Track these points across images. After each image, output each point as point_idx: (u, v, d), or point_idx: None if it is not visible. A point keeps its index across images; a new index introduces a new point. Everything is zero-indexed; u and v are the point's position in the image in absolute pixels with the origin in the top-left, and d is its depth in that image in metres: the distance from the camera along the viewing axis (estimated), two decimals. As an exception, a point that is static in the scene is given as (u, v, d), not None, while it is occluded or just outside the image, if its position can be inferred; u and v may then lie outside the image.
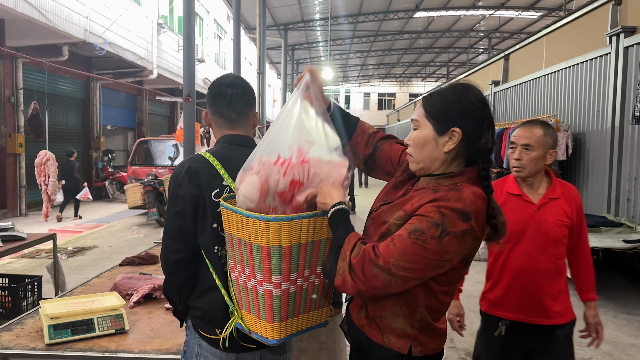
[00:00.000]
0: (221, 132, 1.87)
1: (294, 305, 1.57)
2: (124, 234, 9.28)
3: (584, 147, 7.97)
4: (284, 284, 1.51)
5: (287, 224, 1.44)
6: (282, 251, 1.46)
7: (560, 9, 20.29)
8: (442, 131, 1.46)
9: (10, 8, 9.06)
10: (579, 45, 8.46)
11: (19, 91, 11.09)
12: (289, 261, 1.49)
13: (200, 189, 1.69)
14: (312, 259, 1.57)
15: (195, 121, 9.40)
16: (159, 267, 3.45)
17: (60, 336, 2.19)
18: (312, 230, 1.52)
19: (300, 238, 1.50)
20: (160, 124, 20.49)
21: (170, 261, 1.73)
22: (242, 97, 1.86)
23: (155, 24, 15.37)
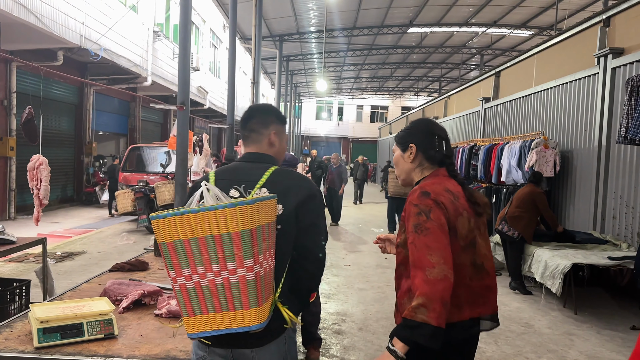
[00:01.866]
0: (245, 151, 2.09)
1: (264, 290, 1.65)
2: (114, 240, 9.25)
3: (572, 165, 8.09)
4: (256, 267, 1.61)
5: (252, 207, 1.58)
6: (250, 233, 1.58)
7: (551, 28, 20.62)
8: (404, 149, 2.13)
9: (6, 12, 9.08)
10: (568, 64, 8.62)
11: (12, 95, 11.08)
12: (255, 243, 1.60)
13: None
14: (265, 243, 1.65)
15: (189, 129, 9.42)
16: (148, 274, 3.47)
17: (49, 340, 2.20)
18: (267, 214, 1.66)
19: (261, 220, 1.62)
20: (153, 131, 20.48)
21: None
22: (254, 117, 2.08)
23: (151, 31, 15.43)
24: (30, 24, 9.74)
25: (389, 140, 28.57)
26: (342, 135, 47.20)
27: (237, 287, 1.60)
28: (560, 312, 5.81)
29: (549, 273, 5.79)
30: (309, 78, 36.26)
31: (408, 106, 42.53)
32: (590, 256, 5.93)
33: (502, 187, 9.34)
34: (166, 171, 12.49)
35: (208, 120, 25.88)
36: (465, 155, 11.29)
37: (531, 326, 5.28)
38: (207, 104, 20.76)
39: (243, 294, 1.60)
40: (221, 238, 1.58)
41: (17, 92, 11.21)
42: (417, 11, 21.06)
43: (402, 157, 2.13)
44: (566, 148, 8.29)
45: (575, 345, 4.77)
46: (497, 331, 5.06)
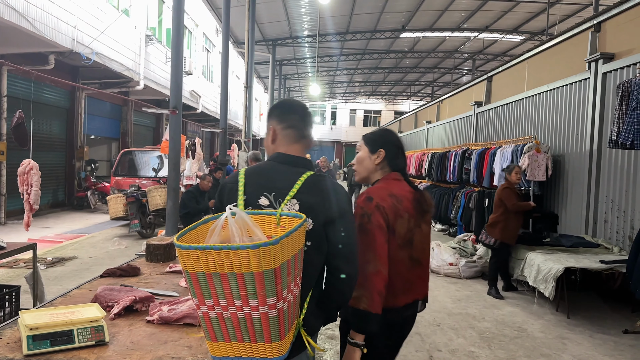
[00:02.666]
0: (281, 148, 1.99)
1: (286, 322, 1.61)
2: (105, 245, 9.18)
3: (564, 169, 8.14)
4: (279, 303, 1.56)
5: (277, 248, 1.50)
6: (273, 273, 1.51)
7: (542, 33, 20.80)
8: (373, 151, 2.43)
9: (-3, 15, 9.02)
10: (559, 69, 8.69)
11: (3, 99, 11.00)
12: (278, 281, 1.53)
13: (222, 203, 1.87)
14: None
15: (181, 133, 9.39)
16: (140, 280, 3.44)
17: (39, 347, 2.16)
18: (289, 247, 1.57)
19: (284, 257, 1.55)
20: (145, 135, 20.39)
21: None
22: (296, 113, 2.04)
23: (144, 35, 15.38)
24: (22, 27, 9.68)
25: (381, 144, 28.70)
26: (335, 139, 47.27)
27: (259, 322, 1.56)
28: (553, 316, 5.83)
29: (541, 277, 5.80)
30: (302, 82, 36.32)
31: (401, 110, 42.68)
32: (583, 260, 5.95)
33: (494, 191, 9.35)
34: (158, 175, 12.43)
35: (201, 124, 25.82)
36: (457, 159, 11.33)
37: (524, 330, 5.28)
38: (200, 108, 20.71)
39: (265, 329, 1.57)
40: (243, 277, 1.52)
41: (7, 96, 11.13)
42: (409, 16, 21.17)
43: (369, 158, 2.44)
44: (558, 152, 8.34)
45: (568, 349, 4.78)
46: (490, 335, 5.07)
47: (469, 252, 8.04)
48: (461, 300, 6.39)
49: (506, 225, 6.44)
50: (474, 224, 9.98)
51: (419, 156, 15.37)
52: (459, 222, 10.91)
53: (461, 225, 10.83)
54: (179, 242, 1.59)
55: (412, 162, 16.14)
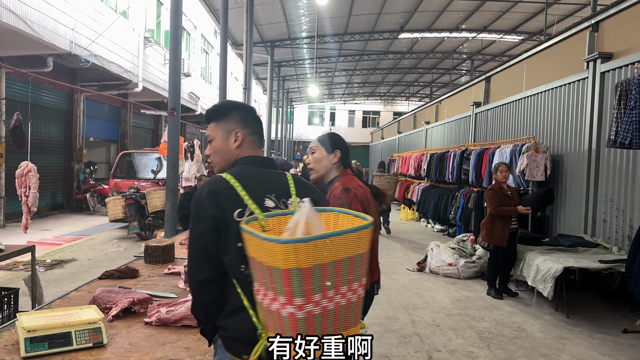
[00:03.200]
0: (244, 153, 1.99)
1: (320, 327, 1.54)
2: (104, 247, 9.17)
3: (562, 169, 8.14)
4: (309, 306, 1.49)
5: (303, 245, 1.44)
6: (302, 273, 1.45)
7: (540, 33, 20.83)
8: (330, 152, 2.82)
9: (-5, 18, 9.02)
10: (557, 69, 8.69)
11: (1, 101, 10.99)
12: (311, 282, 1.48)
13: (221, 210, 1.73)
14: (335, 279, 1.53)
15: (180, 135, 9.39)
16: (138, 281, 3.44)
17: (36, 349, 2.16)
18: (332, 249, 1.50)
19: (320, 259, 1.48)
20: (144, 137, 20.39)
21: (195, 281, 1.77)
22: (258, 117, 2.12)
23: (142, 37, 15.39)
24: (20, 30, 9.68)
25: (381, 145, 28.65)
26: (334, 140, 47.27)
27: (288, 321, 1.51)
28: (552, 316, 5.83)
29: (540, 277, 5.80)
30: (301, 83, 36.33)
31: (400, 111, 42.70)
32: (582, 260, 5.95)
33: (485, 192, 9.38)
34: (157, 177, 12.43)
35: (200, 126, 25.82)
36: (456, 159, 11.34)
37: (523, 330, 5.28)
38: (199, 110, 20.72)
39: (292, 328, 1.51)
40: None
41: (6, 98, 11.12)
42: (407, 17, 21.20)
43: (327, 157, 2.82)
44: (557, 152, 8.34)
45: (567, 349, 4.78)
46: (489, 335, 5.06)
47: (468, 253, 8.04)
48: (460, 301, 6.39)
49: (492, 228, 6.38)
50: (473, 224, 9.98)
51: (418, 157, 15.37)
52: (458, 222, 10.91)
53: (460, 225, 10.83)
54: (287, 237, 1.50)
55: (410, 162, 16.15)
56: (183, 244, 4.80)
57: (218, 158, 2.02)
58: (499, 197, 6.35)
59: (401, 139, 22.71)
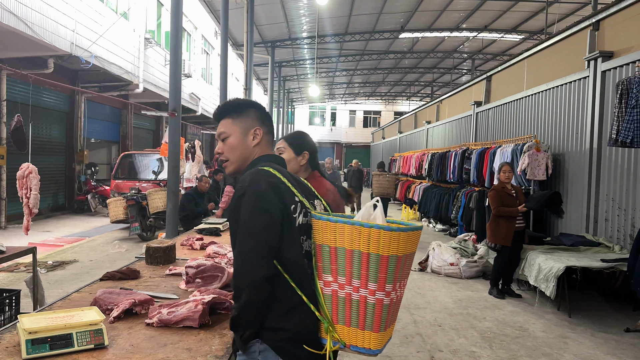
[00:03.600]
0: (262, 151, 1.95)
1: (392, 315, 1.65)
2: (105, 248, 9.17)
3: (564, 168, 8.13)
4: (392, 293, 1.59)
5: (405, 235, 1.56)
6: (397, 260, 1.56)
7: (541, 32, 20.81)
8: (298, 153, 2.76)
9: (-4, 20, 9.03)
10: (558, 68, 8.68)
11: (2, 103, 11.00)
12: (399, 270, 1.59)
13: (284, 203, 1.71)
14: (403, 272, 1.65)
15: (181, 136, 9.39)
16: (140, 282, 3.43)
17: (38, 351, 2.16)
18: (411, 243, 1.62)
19: (409, 249, 1.61)
20: (145, 138, 20.40)
21: (257, 278, 1.62)
22: None
23: (143, 38, 15.39)
24: (20, 31, 9.68)
25: (382, 145, 28.64)
26: (335, 140, 47.27)
27: (373, 308, 1.58)
28: (554, 315, 5.82)
29: (542, 276, 5.79)
30: (302, 84, 36.32)
31: (400, 111, 42.69)
32: (583, 259, 5.94)
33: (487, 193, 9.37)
34: (158, 178, 12.43)
35: (200, 126, 25.84)
36: (457, 159, 11.33)
37: (525, 330, 5.27)
38: (200, 111, 20.72)
39: (376, 317, 1.59)
40: (369, 257, 1.57)
41: (6, 100, 11.13)
42: (408, 17, 21.18)
43: (295, 159, 2.75)
44: (558, 151, 8.33)
45: (569, 348, 4.77)
46: (491, 335, 5.06)
47: (469, 252, 8.03)
48: (462, 301, 6.38)
49: (496, 228, 6.37)
50: (474, 223, 9.98)
51: (419, 156, 15.37)
52: (460, 222, 10.90)
53: (462, 225, 10.82)
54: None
55: (412, 162, 16.14)
56: (184, 244, 4.80)
57: (235, 156, 1.93)
58: (501, 197, 6.34)
59: (402, 139, 22.70)
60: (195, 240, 4.79)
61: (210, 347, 2.32)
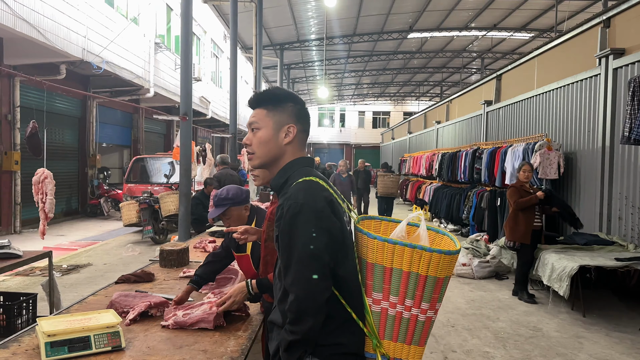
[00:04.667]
0: (297, 153, 1.82)
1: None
2: (119, 251, 9.26)
3: (576, 166, 8.07)
4: (439, 310, 1.71)
5: (455, 257, 1.64)
6: (448, 281, 1.65)
7: (551, 30, 20.66)
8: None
9: (9, 27, 9.16)
10: (569, 66, 8.62)
11: (16, 109, 11.15)
12: (445, 290, 1.68)
13: (340, 218, 1.66)
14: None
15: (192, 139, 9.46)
16: (154, 285, 3.47)
17: (56, 354, 2.19)
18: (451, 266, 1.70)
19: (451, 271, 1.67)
20: (156, 142, 20.55)
21: (321, 300, 1.57)
22: None
23: (153, 43, 15.52)
24: (33, 38, 9.82)
25: (391, 145, 28.59)
26: (344, 141, 47.22)
27: (422, 325, 1.66)
28: (568, 314, 5.78)
29: (555, 275, 5.76)
30: (311, 85, 36.37)
31: (410, 111, 42.57)
32: (597, 258, 5.89)
33: (506, 190, 9.32)
34: (170, 181, 12.52)
35: (211, 129, 25.97)
36: (468, 159, 11.29)
37: (539, 330, 5.24)
38: (210, 114, 20.84)
39: (424, 332, 1.67)
40: (426, 279, 1.62)
41: (20, 106, 11.28)
42: (416, 17, 21.15)
43: None
44: (570, 150, 8.27)
45: (584, 348, 4.74)
46: (505, 335, 5.04)
47: (482, 252, 8.00)
48: (475, 301, 6.36)
49: (515, 225, 6.30)
50: (486, 223, 9.93)
51: (429, 157, 15.33)
52: (471, 222, 10.86)
53: (473, 225, 10.78)
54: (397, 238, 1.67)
55: (422, 162, 16.10)
56: (197, 247, 4.84)
57: (263, 151, 1.79)
58: (519, 192, 6.31)
59: (412, 139, 22.65)
60: (207, 243, 4.84)
61: (225, 349, 2.34)
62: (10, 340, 2.44)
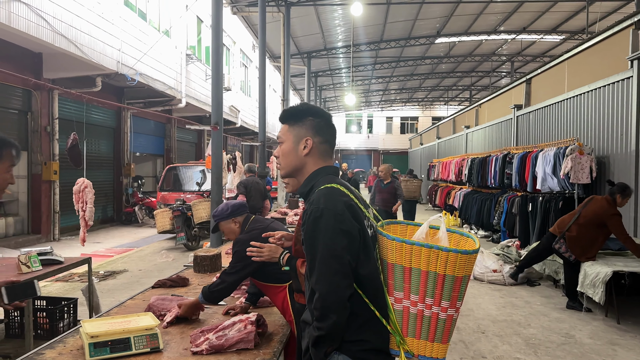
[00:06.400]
0: (320, 163, 1.97)
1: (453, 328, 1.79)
2: (153, 258, 9.50)
3: (609, 170, 7.92)
4: (460, 308, 1.75)
5: (475, 256, 1.72)
6: (468, 279, 1.72)
7: (582, 32, 20.27)
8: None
9: (48, 43, 9.57)
10: (600, 68, 8.48)
11: (55, 121, 11.59)
12: (466, 287, 1.75)
13: (360, 222, 1.78)
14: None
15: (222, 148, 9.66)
16: (189, 289, 3.60)
17: (99, 354, 2.31)
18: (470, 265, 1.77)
19: (472, 268, 1.75)
20: (187, 151, 20.99)
21: (343, 298, 1.69)
22: None
23: (184, 54, 15.90)
24: (71, 53, 10.23)
25: (420, 151, 28.41)
26: (372, 147, 47.18)
27: (444, 323, 1.73)
28: (602, 321, 5.68)
29: (589, 282, 5.67)
30: (338, 92, 36.52)
31: (438, 116, 42.24)
32: (632, 263, 5.78)
33: (538, 196, 9.20)
34: (202, 189, 12.78)
35: (240, 138, 26.34)
36: (498, 164, 11.17)
37: (572, 336, 5.17)
38: (239, 123, 21.17)
39: (446, 330, 1.74)
40: (444, 278, 1.70)
41: (59, 118, 11.72)
42: (444, 22, 21.07)
43: None
44: (602, 154, 8.12)
45: (618, 355, 4.66)
46: (536, 342, 4.99)
47: (513, 259, 7.91)
48: (506, 307, 6.30)
49: (591, 247, 5.97)
50: (517, 229, 9.81)
51: (458, 162, 15.20)
52: (502, 227, 10.72)
53: (505, 231, 10.65)
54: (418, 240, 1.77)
55: (451, 168, 15.98)
56: (229, 253, 4.97)
57: (286, 162, 1.99)
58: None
59: (441, 144, 22.48)
60: (239, 249, 4.94)
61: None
62: (56, 341, 2.59)
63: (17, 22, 8.74)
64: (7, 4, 8.48)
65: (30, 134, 11.18)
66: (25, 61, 10.72)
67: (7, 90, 10.44)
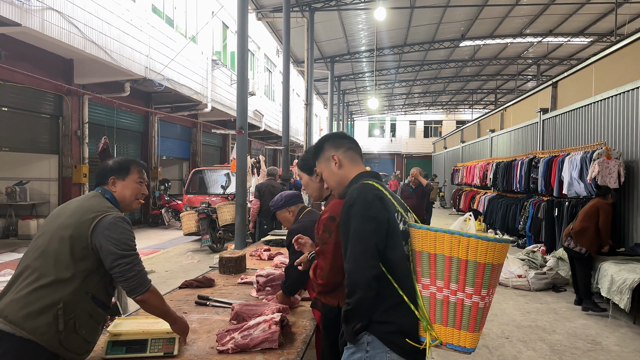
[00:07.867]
0: (354, 170, 2.22)
1: (484, 318, 1.85)
2: (179, 259, 9.68)
3: (637, 175, 7.77)
4: (487, 298, 1.81)
5: (499, 246, 1.78)
6: (492, 268, 1.79)
7: (610, 34, 19.86)
8: (310, 174, 2.92)
9: (79, 49, 9.87)
10: (629, 71, 8.33)
11: (85, 125, 11.91)
12: (493, 277, 1.80)
13: (388, 211, 1.97)
14: (496, 280, 1.86)
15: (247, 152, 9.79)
16: (215, 290, 3.69)
17: (115, 352, 2.40)
18: (504, 254, 1.84)
19: (501, 259, 1.82)
20: (213, 155, 21.28)
21: (368, 277, 1.86)
22: None
23: (210, 60, 16.16)
24: (100, 59, 10.52)
25: (444, 155, 28.20)
26: (395, 151, 46.95)
27: (469, 310, 1.80)
28: (629, 328, 5.58)
29: (615, 288, 5.59)
30: (361, 96, 36.52)
31: (463, 120, 41.86)
32: (661, 270, 5.67)
33: (564, 200, 9.08)
34: (226, 192, 12.96)
35: (264, 142, 26.57)
36: (524, 168, 11.05)
37: (598, 343, 5.10)
38: (263, 127, 21.37)
39: (472, 318, 1.80)
40: (467, 263, 1.79)
41: (89, 122, 12.04)
42: (468, 25, 20.92)
43: (312, 180, 2.92)
44: (630, 158, 7.97)
45: (646, 363, 4.59)
46: (561, 348, 4.94)
47: (538, 264, 7.82)
48: (530, 313, 6.24)
49: (595, 236, 6.28)
50: (543, 234, 9.68)
51: (483, 166, 15.07)
52: (528, 233, 10.59)
53: (530, 236, 10.51)
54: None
55: (475, 172, 15.84)
56: (253, 255, 5.06)
57: (331, 184, 2.27)
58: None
59: (465, 148, 22.28)
60: (262, 251, 5.04)
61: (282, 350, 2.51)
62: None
63: (50, 29, 9.04)
64: (40, 12, 8.78)
65: (62, 137, 11.52)
66: (57, 67, 11.06)
67: (40, 95, 10.78)
